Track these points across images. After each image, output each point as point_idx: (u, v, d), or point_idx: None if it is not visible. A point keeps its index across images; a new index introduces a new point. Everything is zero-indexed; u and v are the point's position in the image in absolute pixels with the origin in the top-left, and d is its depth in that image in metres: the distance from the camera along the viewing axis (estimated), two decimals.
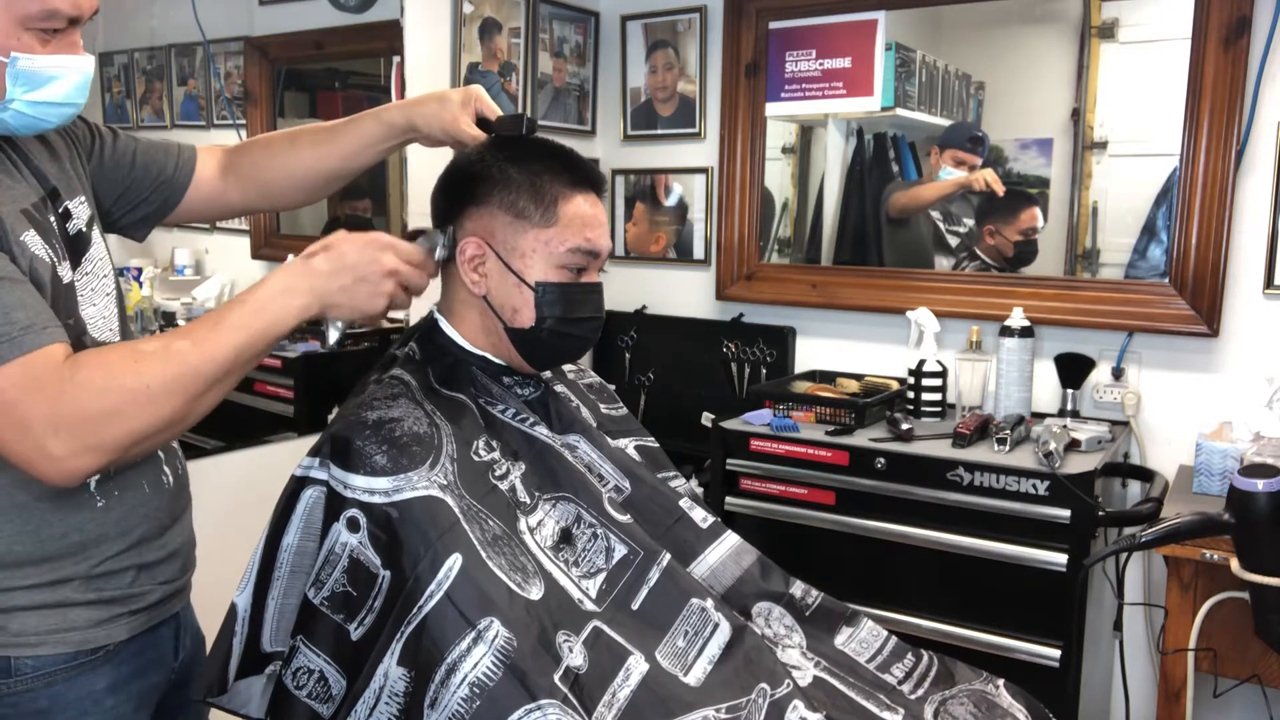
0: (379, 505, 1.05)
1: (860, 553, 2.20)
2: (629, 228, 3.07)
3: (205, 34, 2.20)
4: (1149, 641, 2.34)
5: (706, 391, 2.86)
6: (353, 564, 1.05)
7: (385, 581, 1.04)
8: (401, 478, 1.07)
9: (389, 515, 1.05)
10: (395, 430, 1.10)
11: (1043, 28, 2.58)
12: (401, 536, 1.04)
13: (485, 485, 1.13)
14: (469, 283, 1.21)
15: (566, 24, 2.90)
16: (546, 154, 1.24)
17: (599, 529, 1.17)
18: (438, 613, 1.01)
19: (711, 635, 1.14)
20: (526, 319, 1.21)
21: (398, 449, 1.09)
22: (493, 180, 1.20)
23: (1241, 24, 2.16)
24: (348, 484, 1.07)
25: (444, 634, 1.00)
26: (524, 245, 1.20)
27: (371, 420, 1.11)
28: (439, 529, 1.05)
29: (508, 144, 1.25)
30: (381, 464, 1.07)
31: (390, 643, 1.01)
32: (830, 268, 2.79)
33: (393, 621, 1.02)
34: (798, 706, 1.10)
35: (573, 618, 1.08)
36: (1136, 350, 2.38)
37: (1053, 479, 1.98)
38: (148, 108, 2.23)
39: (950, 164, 2.59)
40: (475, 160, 1.23)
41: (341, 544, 1.06)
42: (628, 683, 1.05)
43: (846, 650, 1.29)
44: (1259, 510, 1.49)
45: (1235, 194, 2.20)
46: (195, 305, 2.30)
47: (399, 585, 1.03)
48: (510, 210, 1.20)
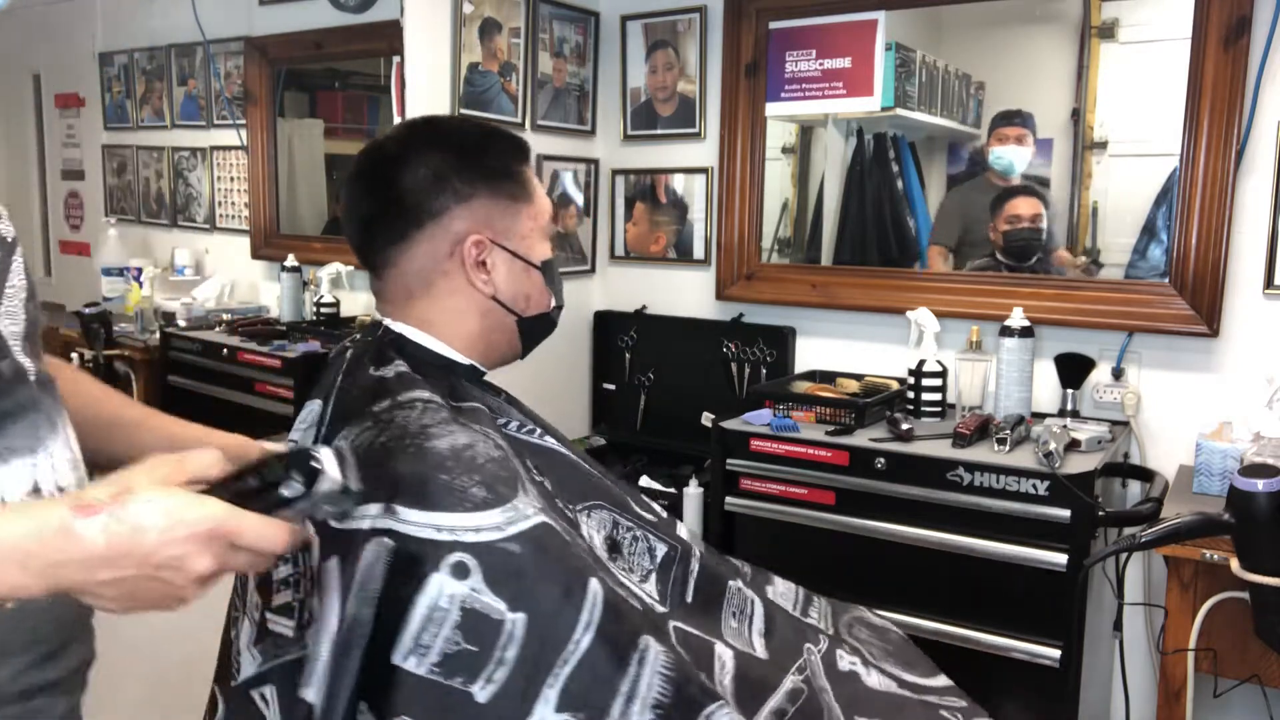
0: (495, 542, 0.92)
1: (860, 553, 2.20)
2: (629, 228, 3.07)
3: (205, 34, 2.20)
4: (1149, 641, 2.34)
5: (706, 391, 2.86)
6: (467, 616, 0.91)
7: (516, 627, 0.91)
8: (509, 508, 0.95)
9: (508, 552, 0.92)
10: (476, 457, 0.98)
11: (1043, 28, 2.58)
12: (529, 573, 0.93)
13: (550, 503, 1.05)
14: (478, 284, 1.11)
15: (566, 24, 2.90)
16: (482, 133, 1.17)
17: (636, 531, 1.15)
18: (595, 645, 0.92)
19: (753, 611, 1.17)
20: (541, 302, 1.17)
21: (490, 477, 0.96)
22: (474, 170, 1.11)
23: (1241, 24, 2.16)
24: (442, 526, 0.92)
25: (609, 665, 0.92)
26: (522, 227, 1.14)
27: (445, 449, 0.97)
28: (566, 557, 0.96)
29: (433, 140, 1.14)
30: (482, 496, 0.94)
31: (540, 690, 0.90)
32: (830, 268, 2.79)
33: (537, 668, 0.91)
34: (842, 655, 1.16)
35: (658, 622, 1.07)
36: (1136, 350, 2.38)
37: (1053, 479, 1.98)
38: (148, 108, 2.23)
39: (997, 144, 2.56)
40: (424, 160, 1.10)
41: (448, 597, 0.91)
42: (726, 670, 1.06)
43: (778, 602, 1.32)
44: (1259, 510, 1.49)
45: (1235, 194, 2.20)
46: (195, 305, 2.30)
47: (537, 627, 0.92)
48: (501, 194, 1.12)
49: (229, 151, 2.35)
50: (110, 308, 2.19)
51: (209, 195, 2.35)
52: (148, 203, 2.32)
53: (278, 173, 2.40)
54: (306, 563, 0.97)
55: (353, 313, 2.51)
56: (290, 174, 2.44)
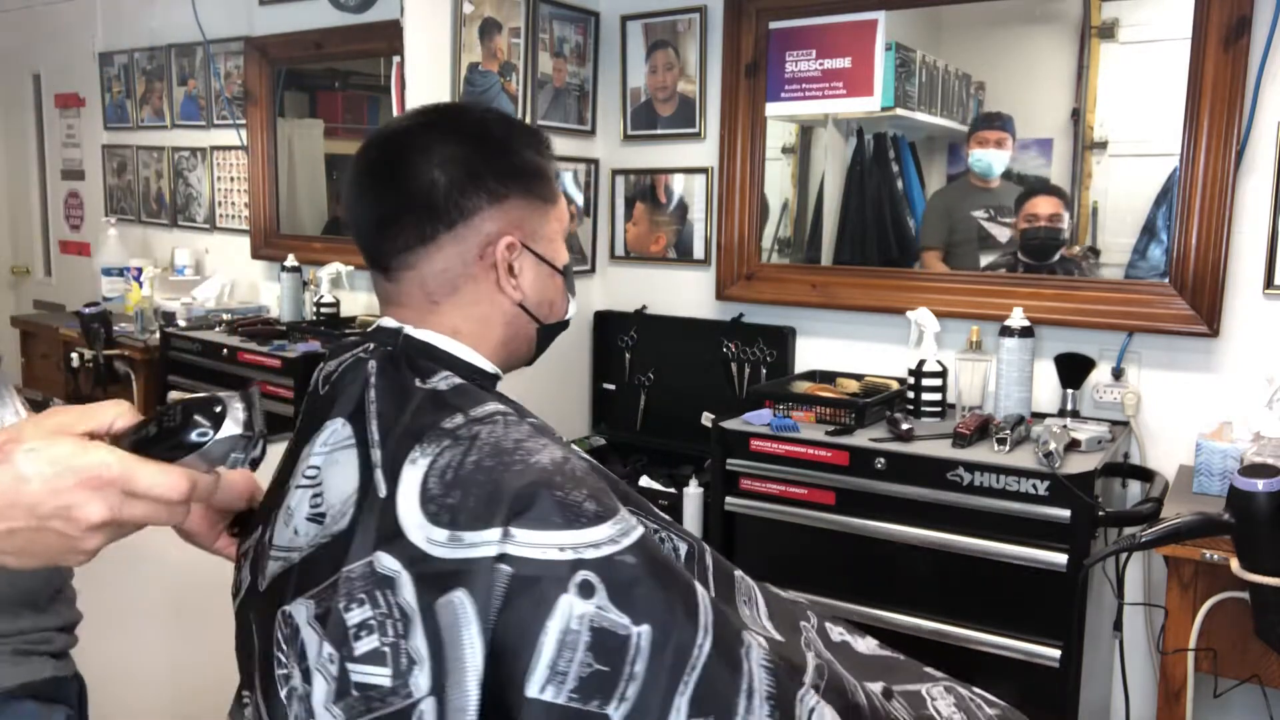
0: (613, 556, 0.89)
1: (860, 553, 2.20)
2: (629, 228, 3.07)
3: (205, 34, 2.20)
4: (1149, 641, 2.34)
5: (706, 391, 2.86)
6: (596, 635, 0.87)
7: (642, 639, 0.88)
8: (618, 519, 0.91)
9: (626, 564, 0.89)
10: (576, 470, 0.94)
11: (1043, 28, 2.58)
12: (646, 583, 0.90)
13: None
14: (508, 289, 1.04)
15: (566, 24, 2.90)
16: (508, 125, 1.09)
17: (661, 531, 1.13)
18: (715, 648, 0.91)
19: (756, 597, 1.16)
20: (562, 308, 1.11)
21: (594, 489, 0.92)
22: (508, 167, 1.03)
23: (1241, 24, 2.16)
24: (564, 545, 0.88)
25: (728, 666, 0.91)
26: (548, 229, 1.07)
27: (549, 465, 0.92)
28: (672, 564, 0.94)
29: (458, 132, 1.04)
30: (594, 510, 0.90)
31: (673, 700, 0.88)
32: (830, 268, 2.79)
33: (668, 678, 0.88)
34: (831, 627, 1.17)
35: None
36: (1136, 350, 2.38)
37: (1053, 479, 1.98)
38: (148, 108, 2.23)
39: (976, 148, 2.57)
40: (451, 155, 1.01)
41: (578, 618, 0.87)
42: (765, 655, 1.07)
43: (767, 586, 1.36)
44: (1259, 510, 1.49)
45: (1235, 194, 2.20)
46: (195, 305, 2.30)
47: (663, 637, 0.89)
48: (533, 194, 1.05)
49: (229, 151, 2.35)
50: (110, 308, 2.18)
51: (209, 195, 2.35)
52: (148, 203, 2.32)
53: (278, 173, 2.40)
54: (391, 602, 0.89)
55: (353, 313, 2.51)
56: (290, 174, 2.44)
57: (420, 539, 0.88)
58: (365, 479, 0.94)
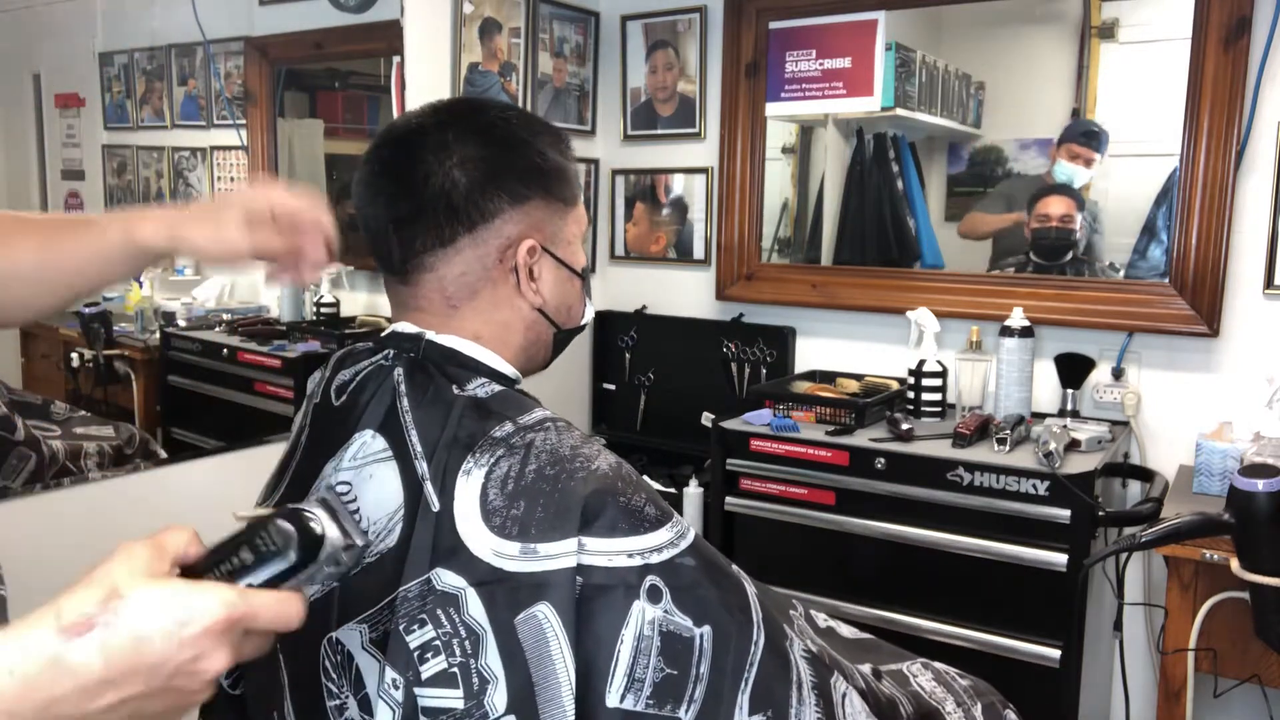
0: (674, 559, 0.89)
1: (860, 553, 2.20)
2: (629, 228, 3.07)
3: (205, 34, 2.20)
4: (1149, 641, 2.34)
5: (706, 391, 2.86)
6: (665, 639, 0.87)
7: (705, 640, 0.88)
8: (675, 522, 0.91)
9: (686, 565, 0.90)
10: (632, 474, 0.93)
11: (1043, 28, 2.58)
12: (705, 584, 0.90)
13: None
14: (528, 294, 1.00)
15: (566, 24, 2.90)
16: (528, 122, 1.04)
17: None
18: (768, 644, 0.91)
19: (747, 584, 1.18)
20: (579, 313, 1.08)
21: (650, 492, 0.92)
22: (530, 168, 0.99)
23: (1241, 24, 2.16)
24: (633, 551, 0.87)
25: (779, 661, 0.92)
26: (568, 232, 1.03)
27: (609, 470, 0.91)
28: (723, 563, 0.94)
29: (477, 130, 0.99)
30: (654, 514, 0.90)
31: (736, 698, 0.88)
32: (830, 268, 2.79)
33: (730, 677, 0.88)
34: (815, 614, 1.19)
35: None
36: (1136, 350, 2.38)
37: (1053, 479, 1.98)
38: (148, 108, 2.23)
39: (1065, 159, 2.52)
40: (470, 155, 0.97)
41: (650, 623, 0.86)
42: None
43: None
44: (1259, 510, 1.49)
45: (1235, 194, 2.20)
46: (195, 305, 2.30)
47: (724, 636, 0.89)
48: (555, 196, 1.01)
49: (229, 151, 2.35)
50: (110, 307, 2.18)
51: (209, 195, 2.35)
52: (148, 203, 2.32)
53: (278, 173, 2.40)
54: (456, 620, 0.85)
55: (353, 313, 2.51)
56: (290, 174, 2.44)
57: (486, 553, 0.85)
58: (412, 493, 0.90)
